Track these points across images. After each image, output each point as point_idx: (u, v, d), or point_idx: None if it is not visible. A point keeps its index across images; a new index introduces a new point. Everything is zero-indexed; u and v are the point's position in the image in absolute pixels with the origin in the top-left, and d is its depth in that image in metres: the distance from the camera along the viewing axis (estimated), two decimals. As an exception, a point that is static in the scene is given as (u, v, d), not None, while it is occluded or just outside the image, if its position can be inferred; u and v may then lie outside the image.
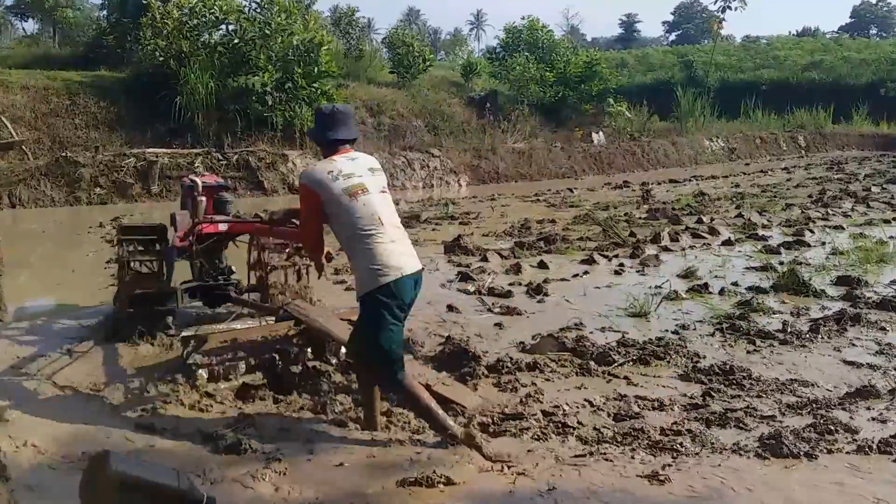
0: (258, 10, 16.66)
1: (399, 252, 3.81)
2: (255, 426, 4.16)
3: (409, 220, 12.05)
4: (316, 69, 16.49)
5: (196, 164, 14.25)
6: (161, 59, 15.95)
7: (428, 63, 22.29)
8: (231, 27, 16.67)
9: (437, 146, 19.25)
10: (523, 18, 26.12)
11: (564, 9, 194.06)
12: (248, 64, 16.33)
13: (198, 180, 6.03)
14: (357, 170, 3.92)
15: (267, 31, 16.26)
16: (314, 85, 16.53)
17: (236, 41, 16.34)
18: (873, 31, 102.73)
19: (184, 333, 5.18)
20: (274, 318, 5.34)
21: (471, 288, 7.50)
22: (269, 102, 15.95)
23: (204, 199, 5.83)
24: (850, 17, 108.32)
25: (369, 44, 32.67)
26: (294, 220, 4.73)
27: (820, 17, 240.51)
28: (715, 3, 32.16)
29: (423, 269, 3.99)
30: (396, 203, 12.72)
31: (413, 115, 20.25)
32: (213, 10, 16.32)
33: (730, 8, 29.86)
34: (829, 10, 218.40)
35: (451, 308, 6.65)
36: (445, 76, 25.02)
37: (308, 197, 3.92)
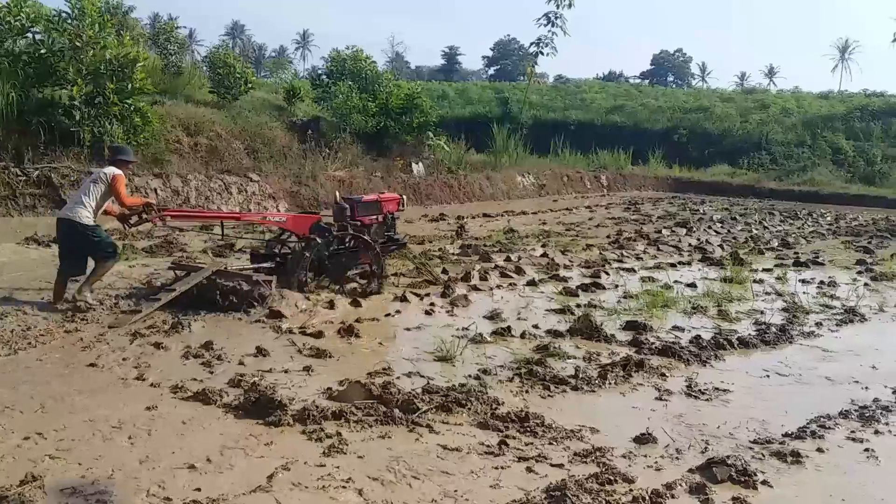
0: (69, 21, 15.57)
1: (65, 206, 7.80)
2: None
3: (223, 250, 11.77)
4: (130, 85, 15.70)
5: (-12, 180, 13.13)
6: (-42, 64, 14.57)
7: (250, 85, 21.84)
8: (38, 36, 15.43)
9: (256, 170, 18.89)
10: (348, 48, 26.24)
11: (390, 35, 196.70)
12: (55, 76, 15.18)
13: (338, 194, 9.73)
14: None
15: (78, 43, 15.24)
16: (127, 101, 15.71)
17: (43, 51, 15.15)
18: (671, 79, 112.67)
19: None
20: None
21: (283, 327, 7.46)
22: (77, 117, 14.92)
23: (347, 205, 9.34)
24: (651, 63, 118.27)
25: (191, 55, 31.43)
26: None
27: (624, 61, 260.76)
28: (529, 46, 34.04)
29: (70, 218, 7.50)
30: (210, 228, 12.11)
31: (232, 136, 19.71)
32: (18, 18, 15.07)
33: (542, 53, 31.84)
34: (632, 55, 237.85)
35: (259, 351, 6.56)
36: (268, 99, 24.56)
37: None
